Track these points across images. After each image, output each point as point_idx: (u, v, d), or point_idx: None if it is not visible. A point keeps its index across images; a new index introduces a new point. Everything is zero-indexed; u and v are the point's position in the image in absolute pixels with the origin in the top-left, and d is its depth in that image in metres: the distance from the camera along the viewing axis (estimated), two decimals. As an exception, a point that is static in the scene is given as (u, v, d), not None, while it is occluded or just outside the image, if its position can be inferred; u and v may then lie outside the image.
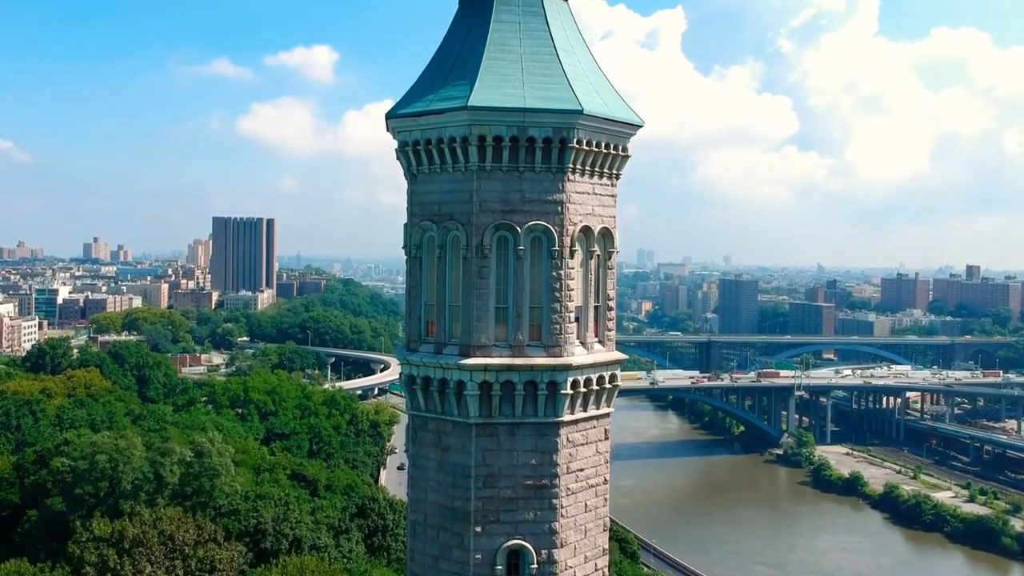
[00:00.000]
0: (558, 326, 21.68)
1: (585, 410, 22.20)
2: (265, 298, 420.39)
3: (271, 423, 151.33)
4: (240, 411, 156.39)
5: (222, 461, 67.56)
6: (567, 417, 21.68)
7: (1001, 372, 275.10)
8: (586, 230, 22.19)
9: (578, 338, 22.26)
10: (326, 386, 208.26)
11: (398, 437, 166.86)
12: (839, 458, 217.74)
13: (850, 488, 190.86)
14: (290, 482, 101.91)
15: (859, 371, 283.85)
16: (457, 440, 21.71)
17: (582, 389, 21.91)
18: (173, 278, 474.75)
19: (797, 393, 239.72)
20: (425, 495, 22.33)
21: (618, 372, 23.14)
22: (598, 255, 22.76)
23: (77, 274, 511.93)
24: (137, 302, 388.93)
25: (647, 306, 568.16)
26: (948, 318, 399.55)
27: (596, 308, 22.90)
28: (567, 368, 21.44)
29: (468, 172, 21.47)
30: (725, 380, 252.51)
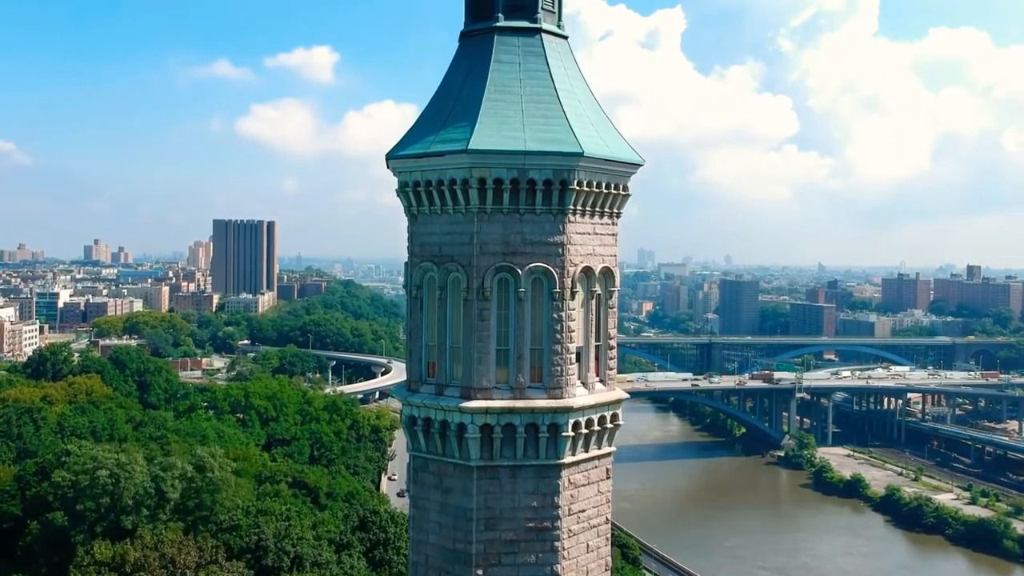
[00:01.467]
0: (559, 368, 21.63)
1: (587, 451, 22.14)
2: (266, 300, 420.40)
3: (272, 429, 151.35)
4: (241, 416, 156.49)
5: (223, 476, 67.44)
6: (568, 459, 21.62)
7: (1000, 373, 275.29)
8: (587, 270, 22.13)
9: (579, 378, 22.20)
10: (327, 390, 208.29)
11: (399, 442, 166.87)
12: (840, 460, 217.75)
13: (852, 490, 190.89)
14: (291, 490, 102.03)
15: (857, 372, 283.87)
16: (458, 482, 21.66)
17: (583, 430, 21.85)
18: (174, 281, 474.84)
19: (798, 395, 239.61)
20: (426, 536, 22.28)
21: (620, 411, 23.08)
22: (599, 294, 22.71)
23: (78, 277, 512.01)
24: (138, 305, 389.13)
25: (648, 306, 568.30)
26: (949, 318, 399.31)
27: (597, 347, 22.83)
28: (568, 410, 21.39)
29: (468, 214, 21.42)
30: (717, 382, 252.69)
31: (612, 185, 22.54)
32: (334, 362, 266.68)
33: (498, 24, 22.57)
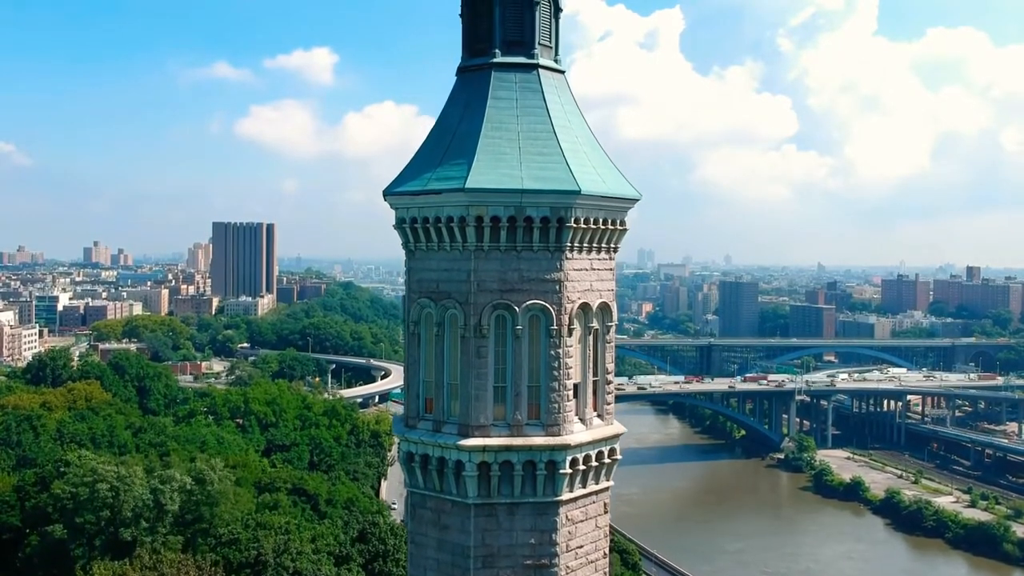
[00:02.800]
0: (556, 405, 21.64)
1: (584, 487, 22.15)
2: (265, 303, 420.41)
3: (272, 434, 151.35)
4: (240, 422, 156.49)
5: (223, 488, 67.45)
6: (566, 496, 21.63)
7: (997, 374, 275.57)
8: (584, 306, 22.15)
9: (577, 414, 22.21)
10: (326, 395, 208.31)
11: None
12: (840, 462, 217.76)
13: (851, 493, 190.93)
14: (291, 498, 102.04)
15: (855, 374, 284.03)
16: (456, 519, 21.68)
17: (581, 467, 21.85)
18: (173, 283, 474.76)
19: (798, 397, 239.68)
20: (424, 573, 22.29)
21: (617, 446, 23.10)
22: (596, 329, 22.73)
23: (77, 279, 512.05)
24: (137, 308, 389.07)
25: (647, 307, 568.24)
26: (949, 320, 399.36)
27: (595, 382, 22.85)
28: (565, 448, 21.39)
29: (466, 251, 21.44)
30: (708, 384, 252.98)
31: (609, 221, 22.56)
32: (334, 366, 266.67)
33: (495, 60, 22.60)
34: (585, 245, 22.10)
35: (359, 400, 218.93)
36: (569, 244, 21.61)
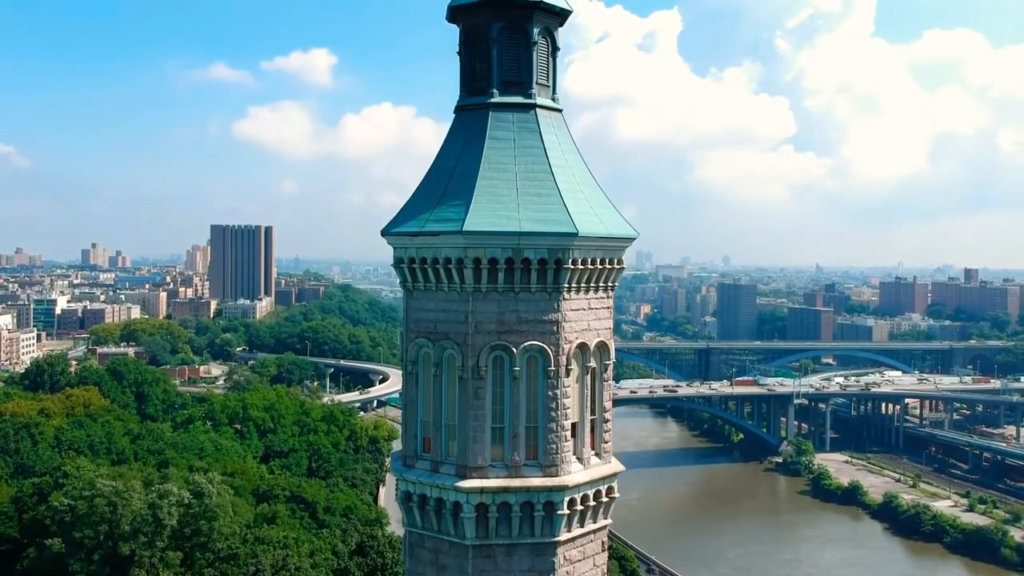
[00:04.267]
0: (554, 446, 21.68)
1: (582, 526, 22.19)
2: (264, 306, 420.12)
3: (270, 440, 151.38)
4: (239, 427, 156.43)
5: (221, 502, 67.44)
6: (564, 536, 21.67)
7: (990, 377, 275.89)
8: (582, 346, 22.20)
9: (574, 454, 22.25)
10: (325, 399, 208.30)
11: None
12: (839, 466, 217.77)
13: (850, 497, 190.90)
14: (289, 506, 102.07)
15: (852, 377, 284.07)
16: (454, 560, 21.71)
17: (579, 507, 21.90)
18: (172, 286, 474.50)
19: (796, 401, 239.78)
20: (423, 612, 22.32)
21: (615, 484, 23.14)
22: (594, 368, 22.77)
23: (75, 282, 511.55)
24: (135, 311, 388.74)
25: (646, 309, 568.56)
26: (947, 322, 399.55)
27: (592, 420, 22.90)
28: (563, 488, 21.43)
29: (464, 293, 21.48)
30: (694, 388, 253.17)
31: (607, 260, 22.62)
32: (332, 369, 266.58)
33: (493, 101, 22.65)
34: (583, 285, 22.16)
35: (357, 404, 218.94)
36: (567, 285, 21.67)
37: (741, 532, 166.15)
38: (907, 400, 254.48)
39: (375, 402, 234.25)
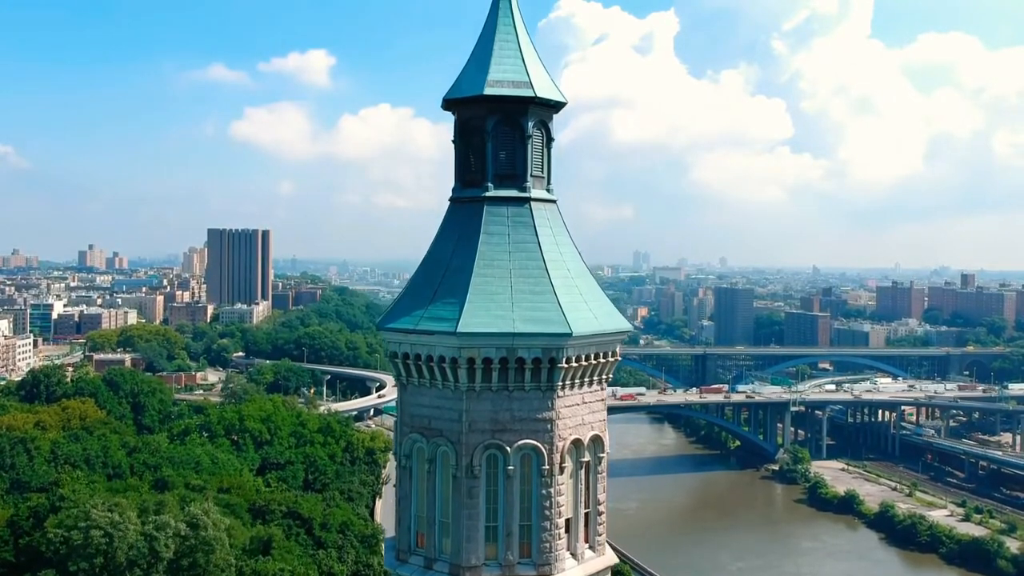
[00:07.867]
0: (548, 544, 21.63)
1: (577, 621, 22.13)
2: (260, 311, 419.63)
3: (266, 452, 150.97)
4: (235, 439, 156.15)
5: (217, 535, 67.29)
6: (560, 633, 21.61)
7: (977, 384, 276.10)
8: (576, 442, 22.15)
9: (568, 549, 22.20)
10: (321, 407, 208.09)
11: (393, 463, 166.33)
12: (835, 474, 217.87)
13: (846, 506, 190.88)
14: (284, 522, 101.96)
15: (846, 384, 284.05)
16: (450, 659, 21.63)
17: (573, 604, 21.85)
18: (169, 290, 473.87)
19: (793, 408, 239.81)
20: None
21: (609, 574, 23.10)
22: (588, 462, 22.71)
23: (72, 285, 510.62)
24: (132, 316, 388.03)
25: (643, 312, 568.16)
26: (943, 328, 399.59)
27: (587, 515, 22.84)
28: (558, 587, 21.40)
29: (458, 391, 21.44)
30: (678, 396, 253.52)
31: (601, 355, 22.57)
32: (328, 376, 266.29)
33: (487, 195, 22.60)
34: (577, 381, 22.12)
35: (354, 413, 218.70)
36: (561, 383, 21.63)
37: (740, 543, 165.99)
38: (903, 407, 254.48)
39: (372, 411, 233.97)
